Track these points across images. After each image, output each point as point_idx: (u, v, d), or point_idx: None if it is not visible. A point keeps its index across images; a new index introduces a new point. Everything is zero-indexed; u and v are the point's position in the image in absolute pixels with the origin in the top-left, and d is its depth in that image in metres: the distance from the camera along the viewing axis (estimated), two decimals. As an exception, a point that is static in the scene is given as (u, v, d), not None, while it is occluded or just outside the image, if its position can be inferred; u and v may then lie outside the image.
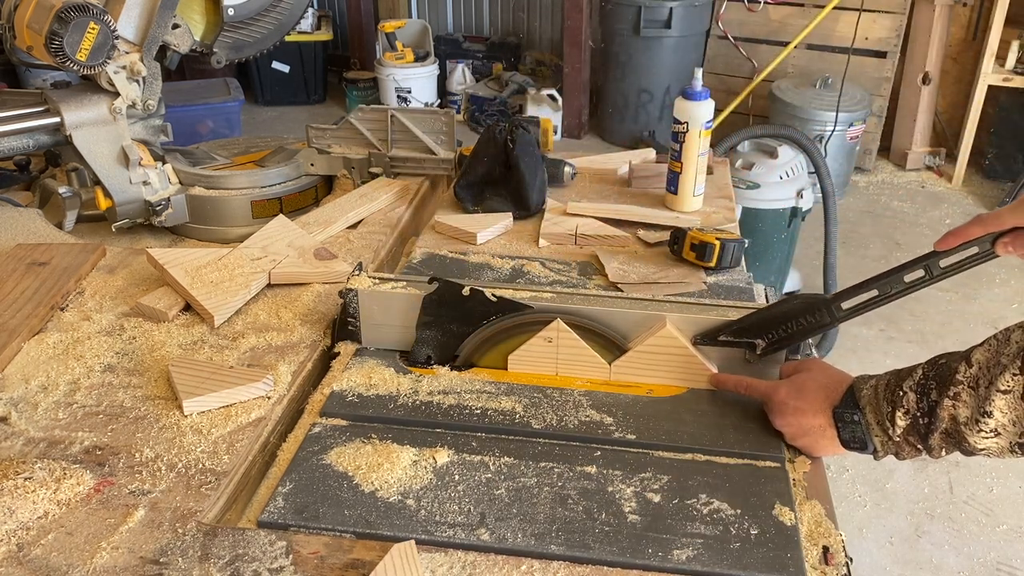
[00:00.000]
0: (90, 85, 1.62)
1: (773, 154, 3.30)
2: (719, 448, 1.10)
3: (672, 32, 4.82)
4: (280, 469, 1.09)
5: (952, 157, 4.81)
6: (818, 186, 3.02)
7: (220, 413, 1.16)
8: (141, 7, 1.59)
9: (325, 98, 6.05)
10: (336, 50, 6.19)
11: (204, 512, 0.99)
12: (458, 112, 5.34)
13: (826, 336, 3.22)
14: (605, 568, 0.92)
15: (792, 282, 3.58)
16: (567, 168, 1.90)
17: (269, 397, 1.19)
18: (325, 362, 1.32)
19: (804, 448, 1.09)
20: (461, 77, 5.70)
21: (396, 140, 1.90)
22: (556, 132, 5.06)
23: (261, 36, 1.82)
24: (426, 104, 5.53)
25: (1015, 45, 4.38)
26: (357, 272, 1.31)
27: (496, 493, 1.02)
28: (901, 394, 0.97)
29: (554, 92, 5.25)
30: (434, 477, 1.05)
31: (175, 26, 1.65)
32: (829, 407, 1.05)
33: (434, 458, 1.07)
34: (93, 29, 1.47)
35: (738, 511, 0.99)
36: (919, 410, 0.96)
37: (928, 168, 4.90)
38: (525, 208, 1.74)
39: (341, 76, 5.96)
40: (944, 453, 0.97)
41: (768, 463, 1.08)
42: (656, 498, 1.01)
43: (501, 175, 1.73)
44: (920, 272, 1.06)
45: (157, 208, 1.66)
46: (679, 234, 1.55)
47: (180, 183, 1.73)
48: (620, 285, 1.47)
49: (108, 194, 1.63)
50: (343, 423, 1.15)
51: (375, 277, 1.32)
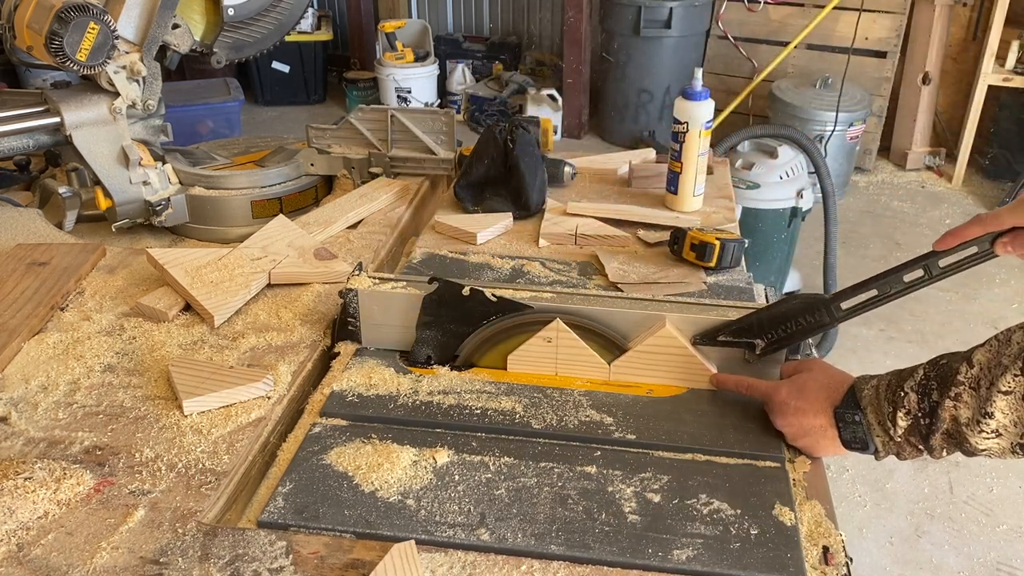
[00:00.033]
0: (90, 85, 1.62)
1: (773, 154, 3.30)
2: (719, 448, 1.10)
3: (672, 32, 4.82)
4: (280, 469, 1.09)
5: (952, 157, 4.81)
6: (818, 186, 3.02)
7: (220, 413, 1.16)
8: (141, 7, 1.59)
9: (325, 98, 6.05)
10: (336, 50, 6.19)
11: (204, 512, 0.99)
12: (458, 112, 5.34)
13: (826, 336, 3.23)
14: (605, 568, 0.92)
15: (792, 282, 3.58)
16: (567, 168, 1.90)
17: (269, 397, 1.19)
18: (325, 362, 1.32)
19: (805, 448, 1.09)
20: (461, 77, 5.70)
21: (396, 140, 1.90)
22: (556, 132, 5.06)
23: (261, 36, 1.82)
24: (426, 104, 5.53)
25: (1015, 45, 4.38)
26: (357, 272, 1.31)
27: (496, 493, 1.02)
28: (902, 395, 0.97)
29: (554, 92, 5.25)
30: (434, 477, 1.05)
31: (175, 26, 1.65)
32: (830, 407, 1.05)
33: (434, 458, 1.07)
34: (93, 29, 1.48)
35: (738, 511, 0.99)
36: (920, 411, 0.96)
37: (928, 168, 4.90)
38: (525, 208, 1.74)
39: (341, 76, 5.96)
40: (945, 454, 0.97)
41: (768, 463, 1.08)
42: (656, 498, 1.01)
43: (501, 175, 1.73)
44: (919, 272, 1.06)
45: (157, 208, 1.66)
46: (679, 234, 1.55)
47: (180, 183, 1.73)
48: (620, 285, 1.47)
49: (108, 194, 1.63)
50: (343, 423, 1.15)
51: (375, 277, 1.32)
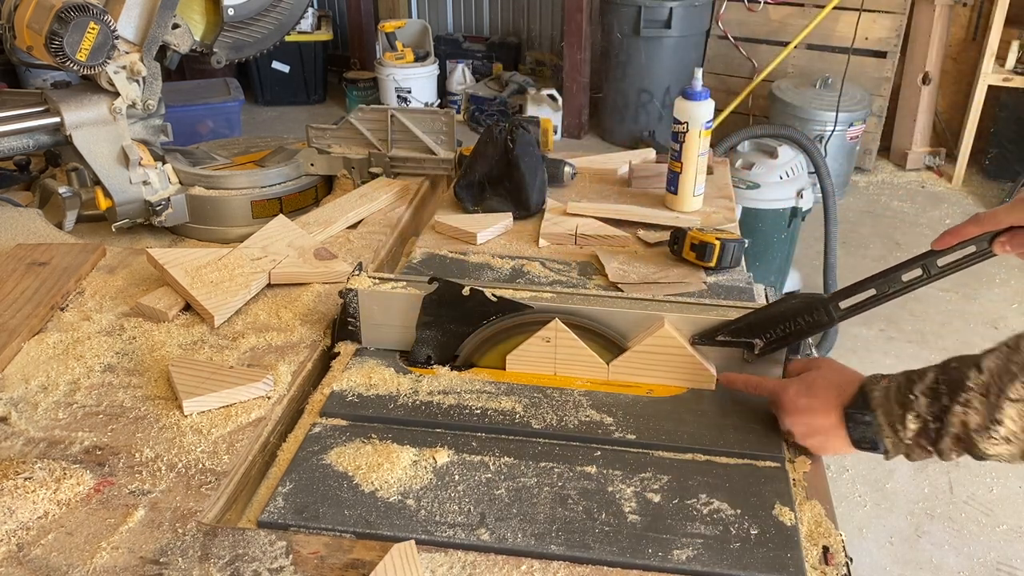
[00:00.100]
0: (90, 85, 1.62)
1: (773, 154, 3.30)
2: (719, 448, 1.10)
3: (672, 32, 4.82)
4: (280, 469, 1.09)
5: (952, 157, 4.81)
6: (818, 186, 3.02)
7: (220, 413, 1.16)
8: (141, 7, 1.59)
9: (325, 98, 6.05)
10: (336, 50, 6.19)
11: (204, 512, 0.99)
12: (458, 112, 5.34)
13: (826, 336, 3.23)
14: (605, 568, 0.92)
15: (792, 282, 3.58)
16: (567, 168, 1.90)
17: (269, 397, 1.19)
18: (325, 362, 1.32)
19: (813, 447, 1.08)
20: (461, 77, 5.70)
21: (396, 140, 1.90)
22: (556, 132, 5.06)
23: (261, 36, 1.82)
24: (426, 104, 5.53)
25: (1015, 45, 4.38)
26: (357, 272, 1.31)
27: (496, 493, 1.02)
28: (912, 398, 0.97)
29: (554, 92, 5.25)
30: (434, 477, 1.05)
31: (175, 26, 1.65)
32: (840, 406, 1.04)
33: (434, 458, 1.07)
34: (93, 29, 1.48)
35: (738, 511, 0.99)
36: (930, 414, 0.95)
37: (928, 168, 4.90)
38: (525, 208, 1.74)
39: (341, 76, 5.96)
40: (955, 456, 0.96)
41: (768, 463, 1.08)
42: (656, 498, 1.01)
43: (501, 175, 1.73)
44: (918, 271, 1.06)
45: (157, 208, 1.66)
46: (679, 234, 1.55)
47: (180, 183, 1.73)
48: (620, 285, 1.47)
49: (108, 194, 1.63)
50: (343, 423, 1.15)
51: (375, 277, 1.32)
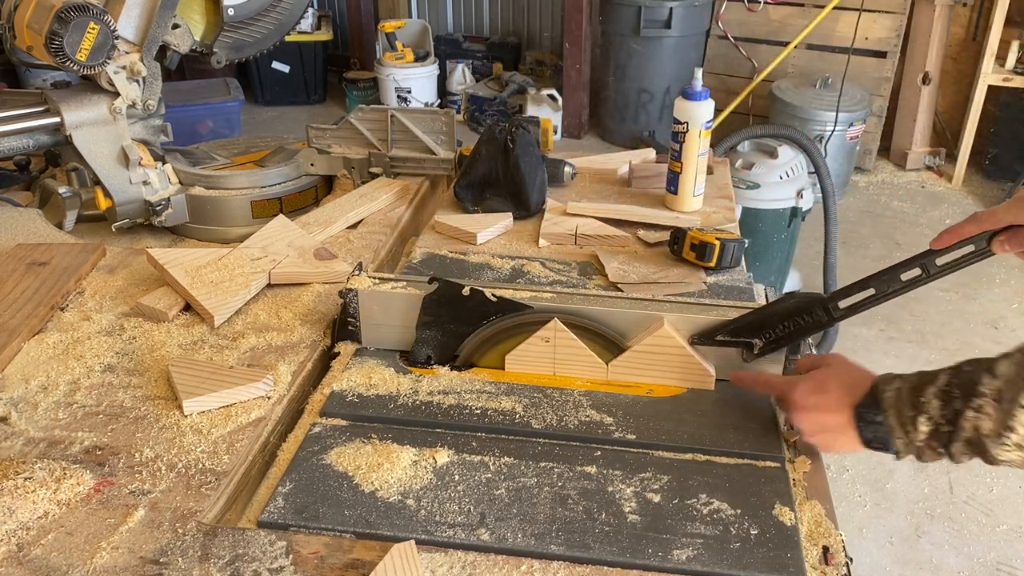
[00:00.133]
0: (90, 85, 1.62)
1: (773, 154, 3.29)
2: (719, 448, 1.10)
3: (672, 32, 4.82)
4: (280, 469, 1.09)
5: (952, 157, 4.81)
6: (818, 186, 3.02)
7: (220, 413, 1.16)
8: (141, 7, 1.59)
9: (325, 98, 6.05)
10: (336, 50, 6.19)
11: (204, 512, 0.99)
12: (458, 112, 5.34)
13: (826, 336, 3.22)
14: (605, 568, 0.92)
15: (792, 282, 3.58)
16: (567, 168, 1.90)
17: (269, 397, 1.19)
18: (325, 362, 1.32)
19: (820, 444, 1.07)
20: (461, 77, 5.70)
21: (396, 140, 1.90)
22: (556, 132, 5.06)
23: (261, 36, 1.82)
24: (426, 104, 5.53)
25: (1015, 45, 4.38)
26: (357, 272, 1.31)
27: (496, 493, 1.02)
28: (923, 400, 0.96)
29: (554, 92, 5.25)
30: (434, 477, 1.05)
31: (175, 26, 1.65)
32: (851, 405, 1.03)
33: (434, 458, 1.07)
34: (93, 29, 1.48)
35: (738, 511, 0.99)
36: (942, 418, 0.95)
37: (928, 168, 4.90)
38: (525, 208, 1.74)
39: (341, 76, 5.95)
40: (966, 459, 0.95)
41: (768, 463, 1.08)
42: (656, 498, 1.01)
43: (501, 175, 1.73)
44: (917, 271, 1.06)
45: (157, 208, 1.66)
46: (679, 234, 1.55)
47: (180, 183, 1.73)
48: (620, 285, 1.47)
49: (108, 194, 1.63)
50: (343, 423, 1.15)
51: (375, 277, 1.32)
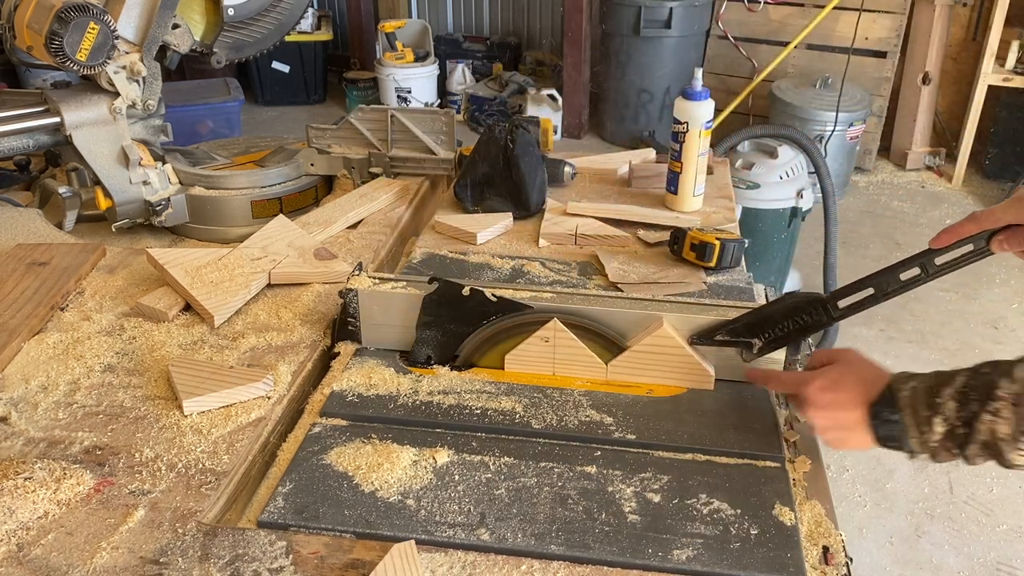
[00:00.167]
0: (90, 85, 1.62)
1: (773, 154, 3.29)
2: (719, 448, 1.10)
3: (672, 32, 4.82)
4: (280, 469, 1.09)
5: (952, 157, 4.81)
6: (818, 186, 3.02)
7: (220, 413, 1.16)
8: (141, 7, 1.59)
9: (325, 98, 6.04)
10: (336, 50, 6.18)
11: (204, 512, 0.99)
12: (458, 112, 5.33)
13: (826, 335, 3.22)
14: (605, 568, 0.92)
15: (792, 282, 3.58)
16: (567, 168, 1.90)
17: (269, 397, 1.19)
18: (325, 362, 1.32)
19: (832, 442, 1.06)
20: (461, 77, 5.70)
21: (396, 140, 1.90)
22: (556, 132, 5.06)
23: (261, 36, 1.82)
24: (426, 104, 5.53)
25: (1015, 45, 4.38)
26: (357, 272, 1.31)
27: (496, 493, 1.02)
28: (940, 401, 0.95)
29: (554, 92, 5.25)
30: (434, 477, 1.05)
31: (175, 26, 1.65)
32: (866, 403, 1.01)
33: (434, 458, 1.07)
34: (93, 29, 1.48)
35: (738, 511, 0.99)
36: (958, 419, 0.94)
37: (928, 168, 4.90)
38: (525, 208, 1.74)
39: (341, 76, 5.95)
40: (980, 462, 0.95)
41: (768, 463, 1.08)
42: (656, 498, 1.01)
43: (501, 175, 1.73)
44: (916, 270, 1.06)
45: (157, 208, 1.66)
46: (679, 234, 1.55)
47: (180, 183, 1.73)
48: (620, 285, 1.47)
49: (108, 194, 1.63)
50: (343, 423, 1.15)
51: (375, 277, 1.32)
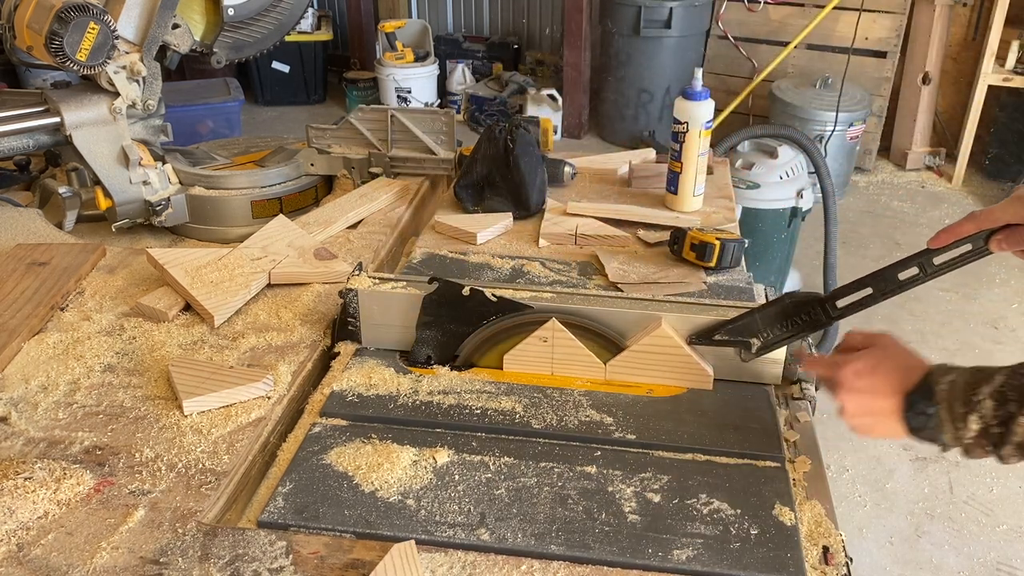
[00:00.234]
0: (90, 85, 1.62)
1: (773, 154, 3.29)
2: (719, 448, 1.10)
3: (672, 32, 4.82)
4: (280, 469, 1.09)
5: (952, 157, 4.81)
6: (818, 186, 3.02)
7: (220, 413, 1.16)
8: (141, 7, 1.59)
9: (325, 98, 6.04)
10: (336, 50, 6.18)
11: (204, 512, 0.99)
12: (458, 112, 5.33)
13: (826, 335, 3.22)
14: (605, 568, 0.92)
15: (792, 282, 3.58)
16: (567, 168, 1.90)
17: (269, 397, 1.19)
18: (325, 362, 1.32)
19: (859, 427, 1.04)
20: (461, 77, 5.69)
21: (396, 140, 1.90)
22: (556, 132, 5.05)
23: (261, 36, 1.82)
24: (426, 104, 5.53)
25: (1015, 45, 4.38)
26: (357, 272, 1.31)
27: (496, 493, 1.02)
28: (977, 400, 0.94)
29: (554, 92, 5.25)
30: (434, 477, 1.05)
31: (175, 26, 1.65)
32: (902, 392, 1.00)
33: (434, 458, 1.07)
34: (93, 29, 1.48)
35: (738, 511, 0.99)
36: (995, 419, 0.93)
37: (928, 168, 4.90)
38: (525, 208, 1.74)
39: (341, 76, 5.95)
40: (1015, 462, 0.94)
41: (768, 463, 1.08)
42: (656, 498, 1.01)
43: (501, 175, 1.73)
44: (915, 270, 1.06)
45: (157, 208, 1.66)
46: (679, 234, 1.55)
47: (180, 183, 1.73)
48: (620, 285, 1.47)
49: (108, 194, 1.63)
50: (343, 423, 1.15)
51: (375, 277, 1.32)
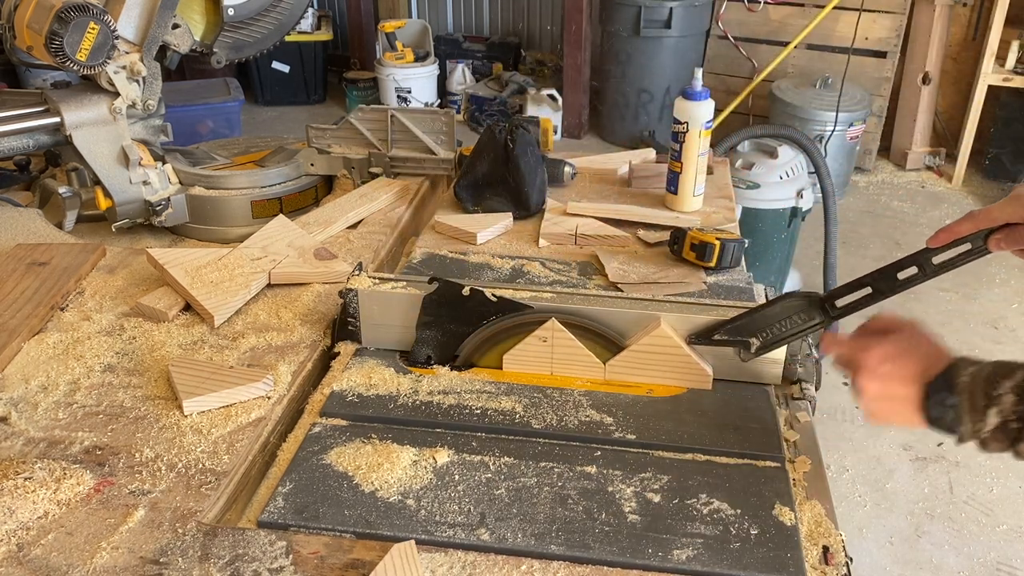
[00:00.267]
0: (90, 85, 1.62)
1: (773, 154, 3.29)
2: (719, 448, 1.10)
3: (672, 32, 4.82)
4: (280, 469, 1.09)
5: (952, 157, 4.81)
6: (818, 186, 3.02)
7: (220, 413, 1.16)
8: (141, 7, 1.59)
9: (325, 98, 6.04)
10: (336, 50, 6.18)
11: (204, 512, 0.99)
12: (458, 112, 5.33)
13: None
14: (605, 568, 0.92)
15: (792, 282, 3.57)
16: (567, 168, 1.90)
17: (269, 397, 1.19)
18: (325, 362, 1.32)
19: (875, 412, 1.03)
20: (461, 77, 5.69)
21: (396, 140, 1.90)
22: (556, 132, 5.05)
23: (261, 36, 1.82)
24: (426, 104, 5.53)
25: (1015, 45, 4.38)
26: (357, 272, 1.31)
27: (496, 493, 1.02)
28: (998, 394, 0.94)
29: (554, 92, 5.25)
30: (434, 477, 1.05)
31: (175, 26, 1.65)
32: (923, 380, 0.99)
33: (434, 458, 1.07)
34: (93, 29, 1.48)
35: (738, 511, 0.99)
36: (1013, 414, 0.92)
37: (928, 168, 4.90)
38: (525, 208, 1.74)
39: (341, 76, 5.95)
40: None
41: (768, 463, 1.08)
42: (656, 498, 1.01)
43: (501, 175, 1.73)
44: (913, 269, 1.06)
45: (157, 208, 1.66)
46: (679, 234, 1.55)
47: (180, 183, 1.73)
48: (620, 285, 1.47)
49: (108, 194, 1.63)
50: (343, 423, 1.15)
51: (375, 277, 1.32)
